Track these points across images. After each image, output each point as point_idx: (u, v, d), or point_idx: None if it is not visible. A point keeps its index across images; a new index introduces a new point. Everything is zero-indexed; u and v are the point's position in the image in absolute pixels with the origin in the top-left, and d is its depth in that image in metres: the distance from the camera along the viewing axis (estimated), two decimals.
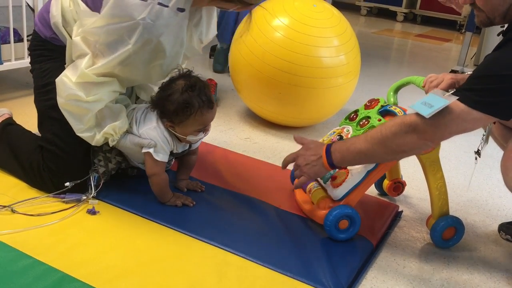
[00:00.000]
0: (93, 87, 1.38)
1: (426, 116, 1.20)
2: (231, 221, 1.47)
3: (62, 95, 1.40)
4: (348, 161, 1.37)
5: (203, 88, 1.43)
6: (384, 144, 1.28)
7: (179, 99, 1.40)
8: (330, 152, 1.36)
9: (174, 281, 1.20)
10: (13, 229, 1.31)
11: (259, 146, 2.11)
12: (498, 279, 1.39)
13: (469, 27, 3.93)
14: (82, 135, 1.44)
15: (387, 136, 1.27)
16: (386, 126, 1.29)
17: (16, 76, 2.54)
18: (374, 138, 1.29)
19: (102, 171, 1.52)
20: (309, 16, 2.11)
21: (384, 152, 1.30)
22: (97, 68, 1.37)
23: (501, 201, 1.86)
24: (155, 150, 1.45)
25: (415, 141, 1.25)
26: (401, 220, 1.64)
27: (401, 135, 1.25)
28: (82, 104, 1.38)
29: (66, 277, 1.16)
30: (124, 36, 1.33)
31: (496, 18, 1.27)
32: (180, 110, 1.41)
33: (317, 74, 2.07)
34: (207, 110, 1.44)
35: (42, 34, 1.53)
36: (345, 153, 1.34)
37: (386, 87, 1.72)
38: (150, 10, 1.30)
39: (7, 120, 1.70)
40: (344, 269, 1.30)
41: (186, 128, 1.45)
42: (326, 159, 1.36)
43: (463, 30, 6.04)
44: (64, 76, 1.39)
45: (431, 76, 1.47)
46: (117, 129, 1.44)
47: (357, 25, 6.27)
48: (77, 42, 1.40)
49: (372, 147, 1.29)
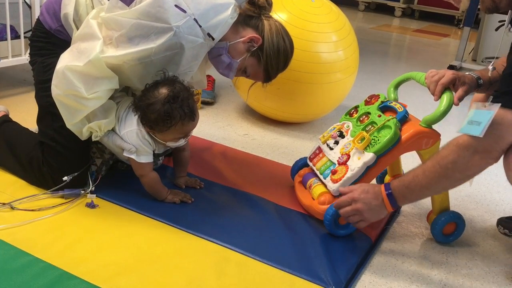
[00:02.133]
0: (95, 83, 1.36)
1: (479, 135, 1.16)
2: (230, 218, 1.47)
3: (61, 87, 1.37)
4: (411, 199, 1.34)
5: (186, 99, 1.40)
6: (446, 176, 1.24)
7: (160, 110, 1.37)
8: (393, 196, 1.31)
9: (173, 278, 1.20)
10: (13, 225, 1.31)
11: (257, 142, 2.10)
12: (497, 274, 1.39)
13: (467, 22, 3.92)
14: (72, 128, 1.42)
15: (447, 167, 1.23)
16: (442, 156, 1.24)
17: (13, 73, 2.53)
18: (433, 172, 1.25)
19: (99, 162, 1.53)
20: (307, 11, 2.10)
21: (449, 183, 1.27)
22: (110, 57, 1.34)
23: (500, 196, 1.86)
24: (137, 154, 1.44)
25: (477, 162, 1.21)
26: (400, 215, 1.64)
27: (462, 161, 1.22)
28: (80, 100, 1.36)
29: (65, 275, 1.16)
30: (152, 35, 1.33)
31: (502, 2, 1.25)
32: (161, 121, 1.39)
33: (316, 69, 2.07)
34: (188, 122, 1.42)
35: (46, 25, 1.51)
36: (407, 193, 1.30)
37: (385, 82, 1.72)
38: (185, 22, 1.33)
39: (4, 117, 1.70)
40: (343, 265, 1.30)
41: (167, 136, 1.44)
42: (390, 203, 1.31)
43: (461, 25, 6.03)
44: (66, 69, 1.34)
45: (431, 71, 1.46)
46: (102, 126, 1.43)
47: (355, 20, 6.26)
48: (91, 24, 1.37)
49: (434, 182, 1.26)
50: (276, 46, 1.49)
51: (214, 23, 1.39)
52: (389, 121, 1.42)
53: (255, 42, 1.48)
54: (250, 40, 1.48)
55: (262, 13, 1.51)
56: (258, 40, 1.48)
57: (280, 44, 1.50)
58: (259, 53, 1.49)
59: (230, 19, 1.43)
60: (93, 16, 1.40)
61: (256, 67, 1.52)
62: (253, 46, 1.48)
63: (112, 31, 1.36)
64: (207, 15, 1.37)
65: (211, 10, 1.38)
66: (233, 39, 1.47)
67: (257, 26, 1.49)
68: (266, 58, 1.49)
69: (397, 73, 1.63)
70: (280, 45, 1.50)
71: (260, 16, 1.51)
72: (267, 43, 1.48)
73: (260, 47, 1.49)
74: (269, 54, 1.49)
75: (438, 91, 1.40)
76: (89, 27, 1.38)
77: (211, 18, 1.38)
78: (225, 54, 1.49)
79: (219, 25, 1.40)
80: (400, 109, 1.46)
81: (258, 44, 1.48)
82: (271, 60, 1.50)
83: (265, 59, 1.49)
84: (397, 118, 1.43)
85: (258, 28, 1.49)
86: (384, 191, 1.32)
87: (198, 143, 1.64)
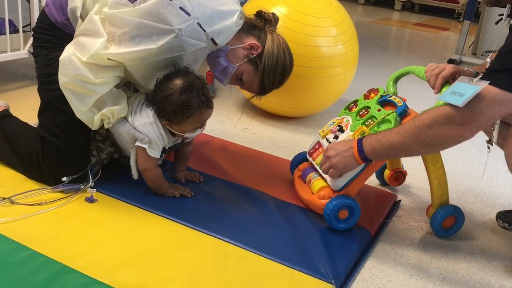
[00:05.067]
0: (100, 70, 1.35)
1: (460, 105, 1.15)
2: (229, 212, 1.47)
3: (68, 74, 1.36)
4: (379, 153, 1.32)
5: (202, 88, 1.41)
6: (418, 137, 1.23)
7: (178, 101, 1.38)
8: (362, 144, 1.32)
9: (172, 272, 1.20)
10: (13, 220, 1.31)
11: (257, 136, 2.10)
12: (496, 267, 1.39)
13: (467, 16, 3.92)
14: (82, 117, 1.41)
15: (421, 129, 1.22)
16: (420, 118, 1.24)
17: (12, 68, 2.52)
18: (407, 131, 1.25)
19: (94, 161, 1.53)
20: (307, 6, 2.10)
21: (418, 146, 1.25)
22: (111, 54, 1.34)
23: (499, 190, 1.86)
24: (150, 146, 1.43)
25: (451, 132, 1.19)
26: (399, 209, 1.65)
27: (436, 127, 1.20)
28: (88, 85, 1.36)
29: (65, 269, 1.16)
30: (154, 36, 1.32)
31: None
32: (179, 111, 1.39)
33: (315, 63, 2.06)
34: (206, 110, 1.42)
35: (52, 18, 1.50)
36: (376, 145, 1.31)
37: (384, 76, 1.71)
38: (189, 25, 1.32)
39: (4, 112, 1.69)
40: (342, 259, 1.31)
41: (184, 127, 1.44)
42: (358, 150, 1.32)
43: (461, 19, 6.02)
44: (73, 55, 1.35)
45: (431, 65, 1.46)
46: (115, 113, 1.42)
47: (355, 14, 6.25)
48: (95, 20, 1.37)
49: (405, 140, 1.25)
50: (275, 58, 1.48)
51: (219, 28, 1.38)
52: (389, 115, 1.42)
53: (254, 50, 1.47)
54: (250, 47, 1.47)
55: (266, 26, 1.51)
56: (258, 47, 1.47)
57: (279, 57, 1.49)
58: (257, 61, 1.48)
59: (235, 26, 1.42)
60: (96, 12, 1.39)
61: (252, 75, 1.51)
62: (252, 54, 1.48)
63: (115, 28, 1.35)
64: (212, 20, 1.37)
65: (216, 16, 1.37)
66: (234, 44, 1.47)
67: (260, 36, 1.49)
68: (264, 67, 1.48)
69: (396, 67, 1.63)
70: (280, 58, 1.49)
71: (264, 29, 1.51)
72: (266, 53, 1.48)
73: (259, 55, 1.48)
74: (267, 64, 1.48)
75: (438, 84, 1.40)
76: (92, 23, 1.37)
77: (216, 24, 1.38)
78: (223, 56, 1.48)
79: (223, 31, 1.40)
80: (400, 103, 1.46)
81: (258, 52, 1.48)
82: (268, 71, 1.49)
83: (262, 69, 1.48)
84: (397, 112, 1.43)
85: (260, 38, 1.49)
86: (356, 141, 1.34)
87: (197, 137, 1.63)
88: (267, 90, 1.55)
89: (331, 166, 1.39)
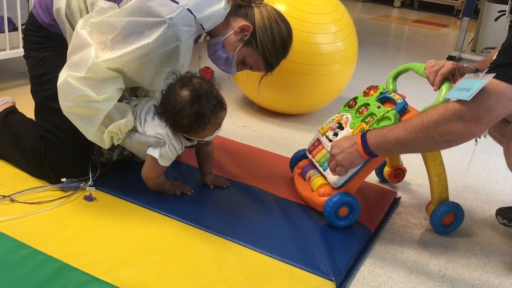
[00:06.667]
0: (101, 85, 1.33)
1: (467, 99, 1.11)
2: (229, 209, 1.48)
3: (70, 98, 1.33)
4: (385, 148, 1.29)
5: (210, 92, 1.37)
6: (425, 134, 1.20)
7: (190, 113, 1.34)
8: (366, 139, 1.30)
9: (173, 270, 1.20)
10: (13, 218, 1.31)
11: (256, 134, 2.10)
12: (496, 264, 1.40)
13: (467, 13, 3.91)
14: (94, 139, 1.39)
15: (428, 125, 1.19)
16: (427, 114, 1.21)
17: (11, 66, 2.52)
18: (414, 126, 1.22)
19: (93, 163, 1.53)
20: (306, 2, 2.09)
21: (425, 142, 1.22)
22: (108, 61, 1.32)
23: (499, 186, 1.86)
24: (161, 155, 1.40)
25: (460, 129, 1.16)
26: (399, 206, 1.65)
27: (445, 123, 1.17)
28: (92, 104, 1.33)
29: (65, 267, 1.16)
30: (146, 31, 1.30)
31: None
32: (195, 123, 1.36)
33: (314, 60, 2.06)
34: (220, 112, 1.39)
35: (39, 19, 1.50)
36: (381, 140, 1.28)
37: (384, 73, 1.71)
38: (179, 12, 1.30)
39: (11, 108, 1.69)
40: (342, 256, 1.31)
41: (203, 134, 1.42)
42: (362, 145, 1.30)
43: (461, 16, 6.01)
44: (69, 77, 1.31)
45: (431, 61, 1.45)
46: (122, 127, 1.39)
47: (354, 11, 6.24)
48: (81, 34, 1.34)
49: (411, 136, 1.22)
50: (269, 31, 1.44)
51: (207, 14, 1.36)
52: (388, 112, 1.42)
53: (246, 31, 1.44)
54: (241, 30, 1.44)
55: (252, 1, 1.47)
56: (248, 27, 1.43)
57: (273, 28, 1.45)
58: (252, 41, 1.45)
59: (223, 10, 1.40)
60: (81, 26, 1.37)
61: (254, 56, 1.48)
62: (245, 35, 1.44)
63: (104, 35, 1.33)
64: (201, 6, 1.35)
65: (204, 2, 1.36)
66: (226, 32, 1.45)
67: (247, 14, 1.45)
68: (261, 44, 1.44)
69: (396, 64, 1.63)
70: (274, 29, 1.45)
71: (250, 5, 1.46)
72: (258, 29, 1.44)
73: (252, 34, 1.44)
74: (263, 39, 1.44)
75: (437, 81, 1.39)
76: (79, 37, 1.35)
77: (205, 9, 1.35)
78: (220, 49, 1.46)
79: (211, 16, 1.37)
80: (399, 100, 1.46)
81: (250, 31, 1.44)
82: (266, 45, 1.45)
83: (260, 46, 1.45)
84: (397, 109, 1.43)
85: (248, 16, 1.45)
86: (360, 136, 1.32)
87: None
88: (274, 64, 1.50)
89: (337, 164, 1.38)
